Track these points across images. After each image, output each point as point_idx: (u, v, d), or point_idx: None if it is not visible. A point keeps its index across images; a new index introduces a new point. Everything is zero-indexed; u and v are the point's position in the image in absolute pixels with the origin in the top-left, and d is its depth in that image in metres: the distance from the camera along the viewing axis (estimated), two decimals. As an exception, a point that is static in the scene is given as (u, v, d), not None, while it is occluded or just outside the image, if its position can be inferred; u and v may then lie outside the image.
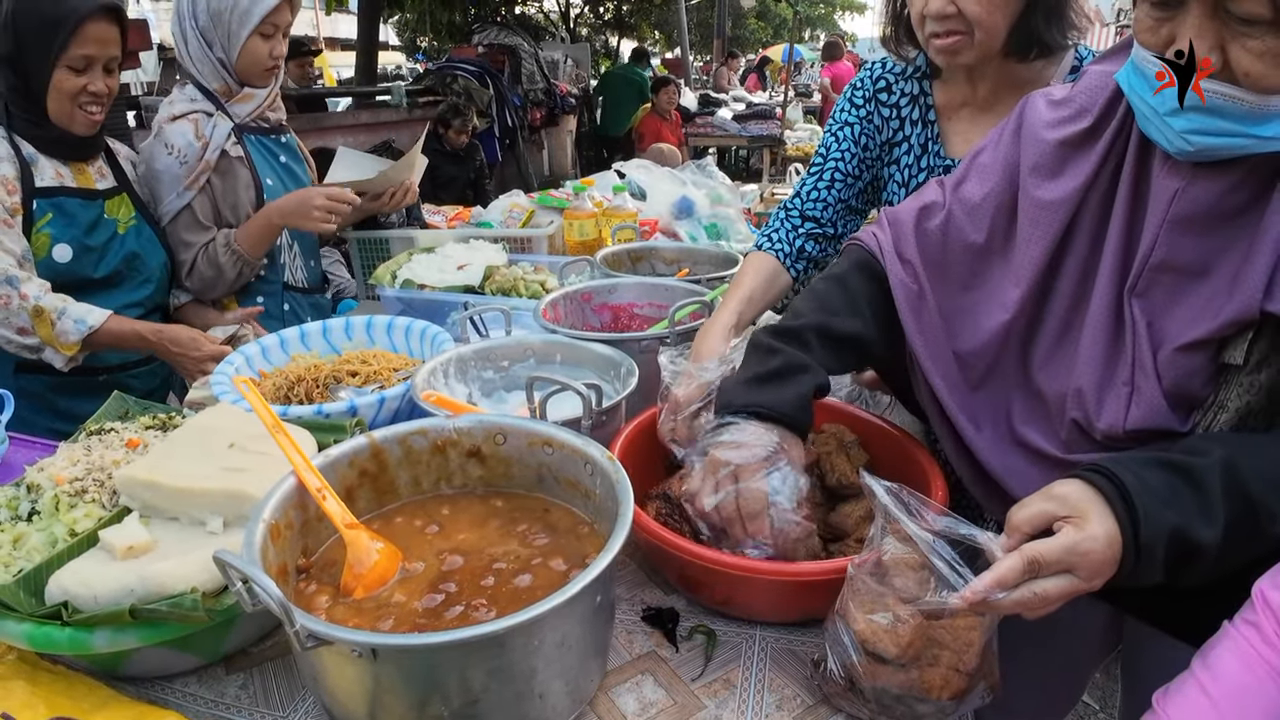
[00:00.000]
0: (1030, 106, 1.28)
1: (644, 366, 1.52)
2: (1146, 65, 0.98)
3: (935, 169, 1.72)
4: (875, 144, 1.79)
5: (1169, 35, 0.93)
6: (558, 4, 14.10)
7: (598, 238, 2.81)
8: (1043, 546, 0.89)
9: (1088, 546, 0.88)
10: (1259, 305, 0.95)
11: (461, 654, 0.84)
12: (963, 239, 1.30)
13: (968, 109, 1.70)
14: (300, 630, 0.80)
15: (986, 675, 1.02)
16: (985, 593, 0.89)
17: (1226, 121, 0.92)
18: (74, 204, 2.02)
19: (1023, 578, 0.89)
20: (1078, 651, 1.56)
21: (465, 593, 1.03)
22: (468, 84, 8.42)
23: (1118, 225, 1.11)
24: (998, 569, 0.89)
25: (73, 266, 2.03)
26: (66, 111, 1.97)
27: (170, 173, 2.20)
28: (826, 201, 1.80)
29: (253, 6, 2.15)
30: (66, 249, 2.01)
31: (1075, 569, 0.89)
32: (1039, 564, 0.88)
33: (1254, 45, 0.87)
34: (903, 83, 1.77)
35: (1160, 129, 0.99)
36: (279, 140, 2.47)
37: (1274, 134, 0.91)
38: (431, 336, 1.82)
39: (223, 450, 1.24)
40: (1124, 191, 1.10)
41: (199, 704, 1.11)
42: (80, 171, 2.06)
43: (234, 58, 2.21)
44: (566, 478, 1.19)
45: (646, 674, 1.12)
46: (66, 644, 1.02)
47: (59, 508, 1.23)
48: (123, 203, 2.13)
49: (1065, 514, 0.91)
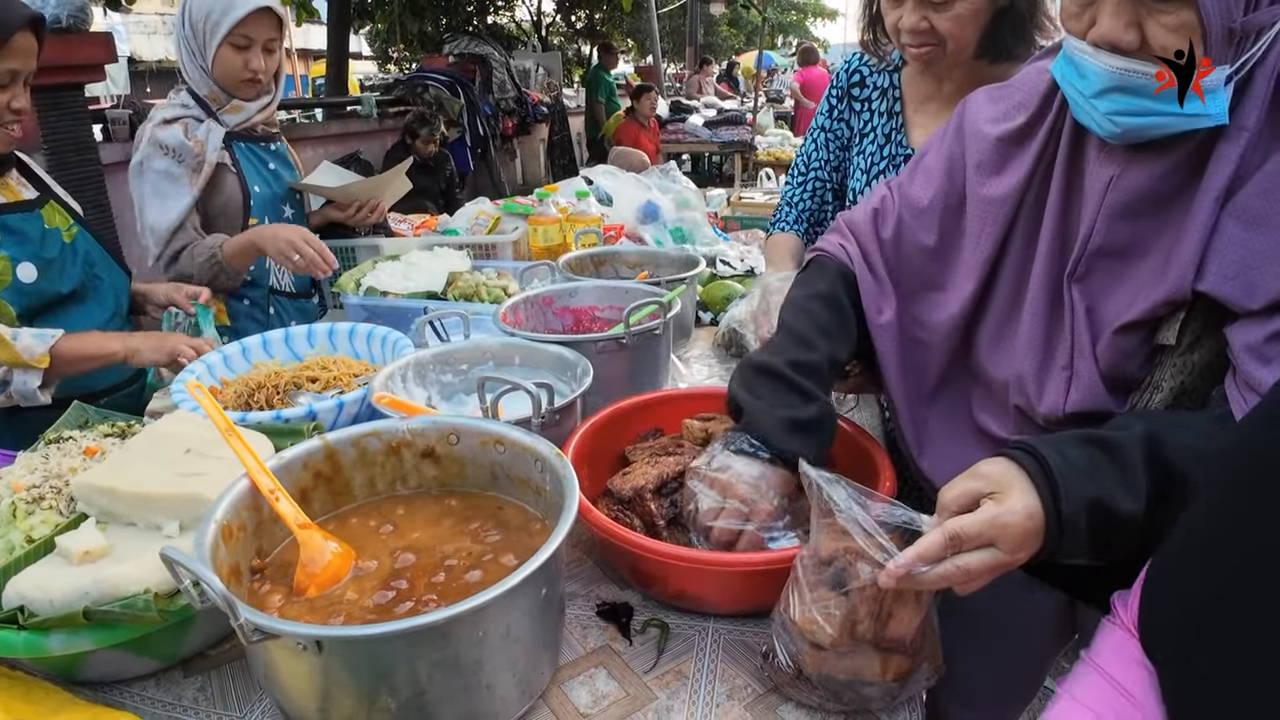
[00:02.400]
0: (971, 104, 1.32)
1: (599, 367, 1.54)
2: (1074, 52, 1.02)
3: (897, 157, 1.83)
4: (846, 137, 1.96)
5: (1091, 18, 0.98)
6: (529, 13, 14.12)
7: (562, 243, 2.83)
8: (964, 520, 0.91)
9: (1007, 520, 0.90)
10: (1190, 285, 0.99)
11: (405, 645, 0.86)
12: (916, 242, 1.34)
13: (934, 103, 1.79)
14: (245, 624, 0.81)
15: (929, 657, 1.05)
16: (908, 566, 0.90)
17: (1148, 100, 0.96)
18: (15, 219, 1.89)
19: (945, 552, 0.91)
20: (1034, 641, 1.59)
21: (416, 589, 1.05)
22: (439, 94, 8.43)
23: (1052, 214, 1.15)
24: (920, 543, 0.91)
25: (40, 285, 1.91)
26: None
27: (170, 173, 2.23)
28: (811, 209, 2.07)
29: (221, 18, 2.19)
30: (30, 267, 1.89)
31: (996, 542, 0.91)
32: (960, 538, 0.90)
33: (1168, 20, 0.91)
34: (875, 75, 1.88)
35: (1089, 112, 1.02)
36: (268, 148, 2.50)
37: (1197, 110, 0.94)
38: (393, 342, 1.83)
39: (179, 456, 1.25)
40: (1058, 181, 1.14)
41: (156, 707, 1.12)
42: (4, 186, 1.94)
43: (209, 66, 2.24)
44: (518, 475, 1.21)
45: (600, 667, 1.14)
46: (22, 647, 1.02)
47: (16, 515, 1.24)
48: (56, 210, 2.01)
49: (989, 490, 0.93)
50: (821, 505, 1.00)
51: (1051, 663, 1.69)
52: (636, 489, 1.25)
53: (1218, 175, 0.98)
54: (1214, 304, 0.99)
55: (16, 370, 1.77)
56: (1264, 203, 0.96)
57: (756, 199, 4.79)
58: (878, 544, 0.93)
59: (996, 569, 0.92)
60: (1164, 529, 0.97)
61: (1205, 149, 1.00)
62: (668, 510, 1.26)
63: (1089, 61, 1.00)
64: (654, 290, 1.97)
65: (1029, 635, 1.58)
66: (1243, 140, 0.97)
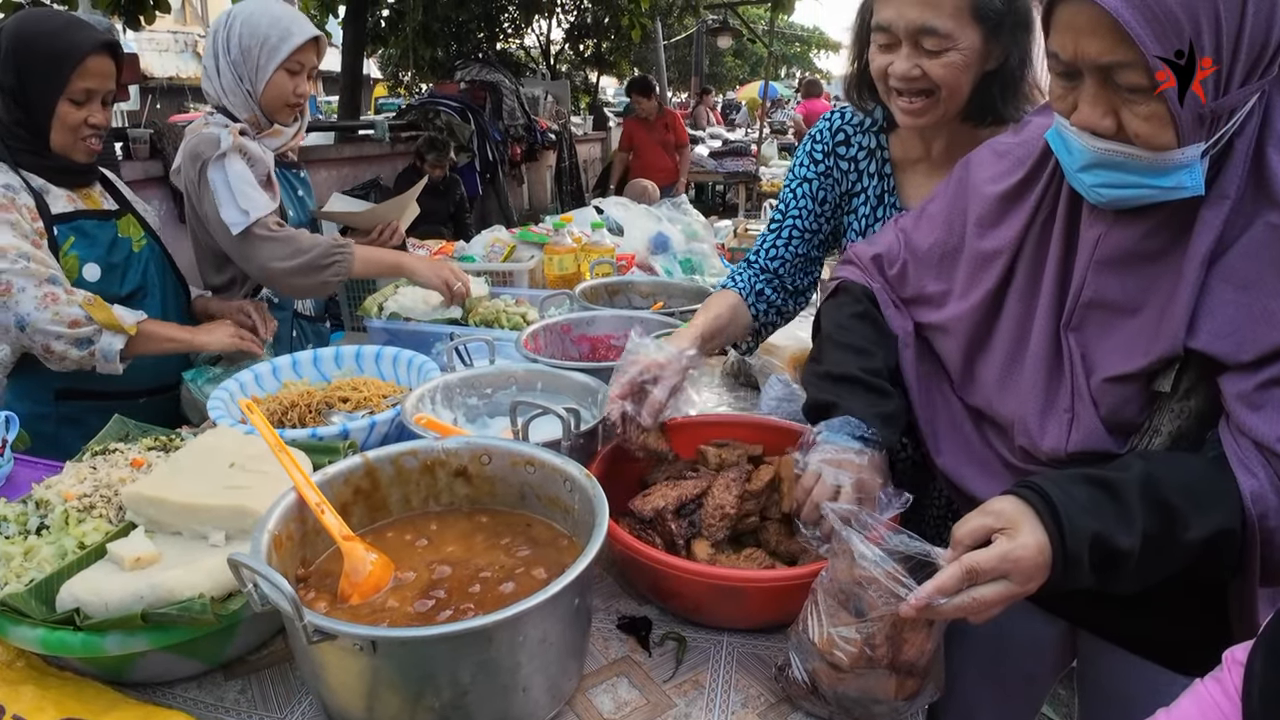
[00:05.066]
0: (975, 161, 1.41)
1: (619, 394, 1.61)
2: (1061, 128, 1.11)
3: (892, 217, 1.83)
4: (834, 196, 1.86)
5: (1073, 102, 1.07)
6: (538, 41, 14.30)
7: (576, 272, 2.92)
8: (980, 555, 0.99)
9: (1019, 554, 0.98)
10: (1182, 342, 1.07)
11: (452, 647, 0.93)
12: (919, 283, 1.44)
13: (923, 164, 1.78)
14: (307, 625, 0.88)
15: (934, 677, 1.12)
16: (928, 599, 0.98)
17: (1129, 175, 1.05)
18: (91, 224, 2.11)
19: (962, 584, 0.98)
20: (1034, 666, 1.65)
21: (454, 598, 1.11)
22: (449, 119, 8.55)
23: (1052, 266, 1.23)
24: (939, 577, 0.99)
25: (102, 285, 2.10)
26: (69, 143, 2.04)
27: (247, 179, 2.22)
28: (784, 258, 1.89)
29: (281, 44, 2.23)
30: (95, 267, 2.10)
31: (1009, 574, 0.99)
32: (976, 571, 0.98)
33: (1140, 110, 1.00)
34: (860, 135, 1.83)
35: (1078, 182, 1.13)
36: (298, 174, 2.59)
37: (1174, 184, 1.03)
38: (418, 366, 1.91)
39: (224, 470, 1.32)
40: (1058, 235, 1.23)
41: (200, 708, 1.18)
42: (86, 196, 2.14)
43: (259, 91, 2.28)
44: (547, 495, 1.29)
45: (622, 676, 1.21)
46: (80, 647, 1.09)
47: (68, 522, 1.31)
48: (131, 223, 2.21)
49: (1000, 526, 1.01)
50: (839, 539, 1.07)
51: (1050, 686, 1.75)
52: (658, 509, 1.33)
53: (1203, 239, 1.06)
54: (1206, 357, 1.07)
55: (107, 332, 1.96)
56: (1249, 265, 1.04)
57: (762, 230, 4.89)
58: (895, 578, 1.00)
59: (1009, 599, 1.00)
60: (1159, 560, 1.05)
61: (1185, 213, 1.08)
62: (687, 530, 1.33)
63: (1074, 140, 1.09)
64: (670, 321, 2.05)
65: (1029, 660, 1.64)
66: (1225, 207, 1.05)
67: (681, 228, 3.52)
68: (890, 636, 1.05)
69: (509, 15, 12.89)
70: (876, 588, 1.02)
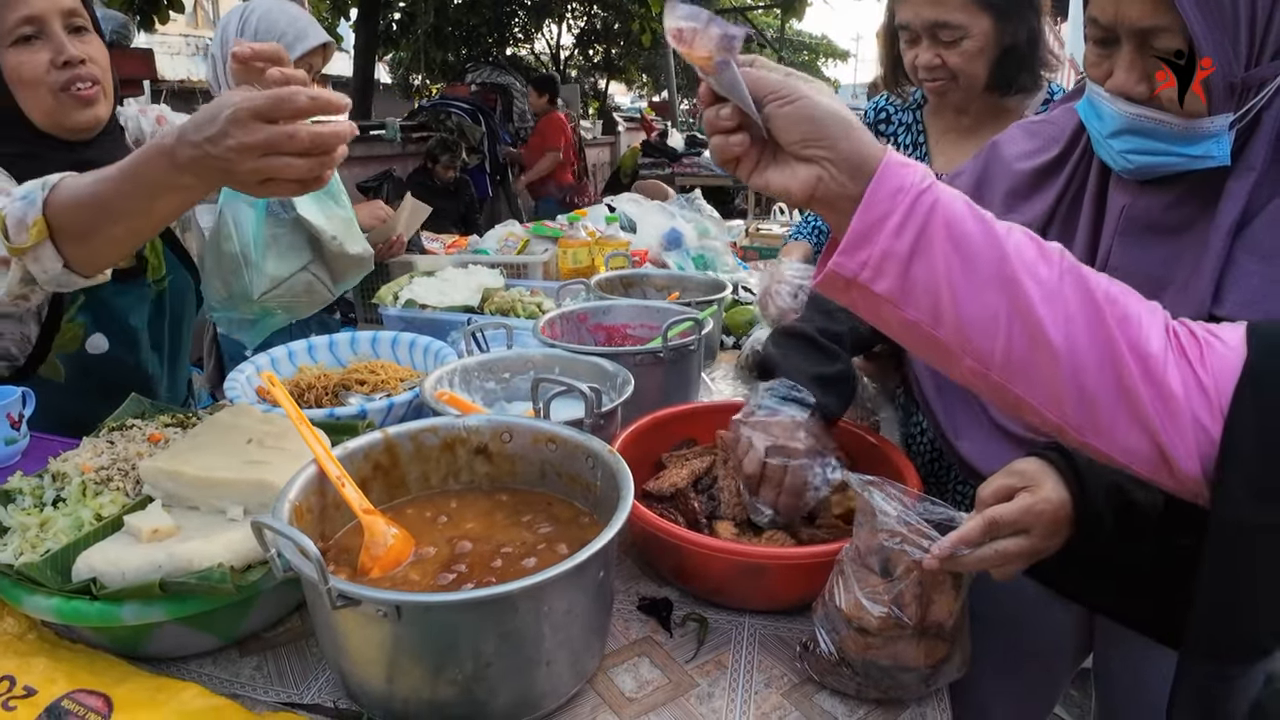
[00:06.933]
0: (1005, 139, 1.42)
1: (636, 380, 1.60)
2: (1094, 96, 1.13)
3: None
4: None
5: (1109, 69, 1.09)
6: (548, 46, 14.36)
7: (591, 265, 2.91)
8: (1002, 508, 1.01)
9: (1041, 507, 1.01)
10: (1208, 310, 1.08)
11: (478, 615, 0.91)
12: None
13: (954, 133, 2.02)
14: (332, 589, 0.87)
15: (961, 646, 1.11)
16: (951, 548, 1.00)
17: (1159, 142, 1.07)
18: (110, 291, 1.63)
19: (984, 536, 1.00)
20: (1050, 656, 1.64)
21: (475, 572, 1.10)
22: (460, 121, 8.58)
23: (1083, 236, 1.25)
24: (962, 529, 1.01)
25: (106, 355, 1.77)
26: (48, 106, 1.51)
27: None
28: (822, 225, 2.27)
29: (296, 42, 2.26)
30: (102, 339, 1.73)
31: (1030, 528, 1.01)
32: (998, 523, 1.00)
33: None
34: (900, 114, 2.12)
35: (1106, 149, 1.14)
36: None
37: (1201, 153, 1.05)
38: (435, 351, 1.90)
39: (242, 445, 1.31)
40: (1087, 209, 1.25)
41: (215, 683, 1.16)
42: None
43: None
44: (569, 473, 1.27)
45: (643, 656, 1.19)
46: (96, 617, 1.07)
47: (85, 494, 1.30)
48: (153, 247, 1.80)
49: (1023, 485, 1.03)
50: (865, 506, 1.06)
51: (1066, 682, 1.73)
52: (677, 486, 1.32)
53: (1229, 210, 1.07)
54: None
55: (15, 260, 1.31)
56: (1273, 236, 1.05)
57: (774, 230, 4.86)
58: (920, 531, 1.02)
59: (1030, 554, 1.02)
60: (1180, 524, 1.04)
61: (1209, 185, 1.09)
62: (707, 505, 1.32)
63: (1106, 105, 1.11)
64: (687, 310, 2.04)
65: (1047, 650, 1.63)
66: (1251, 178, 1.06)
67: (694, 225, 3.50)
68: (917, 596, 1.04)
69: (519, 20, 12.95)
70: (901, 540, 1.04)
